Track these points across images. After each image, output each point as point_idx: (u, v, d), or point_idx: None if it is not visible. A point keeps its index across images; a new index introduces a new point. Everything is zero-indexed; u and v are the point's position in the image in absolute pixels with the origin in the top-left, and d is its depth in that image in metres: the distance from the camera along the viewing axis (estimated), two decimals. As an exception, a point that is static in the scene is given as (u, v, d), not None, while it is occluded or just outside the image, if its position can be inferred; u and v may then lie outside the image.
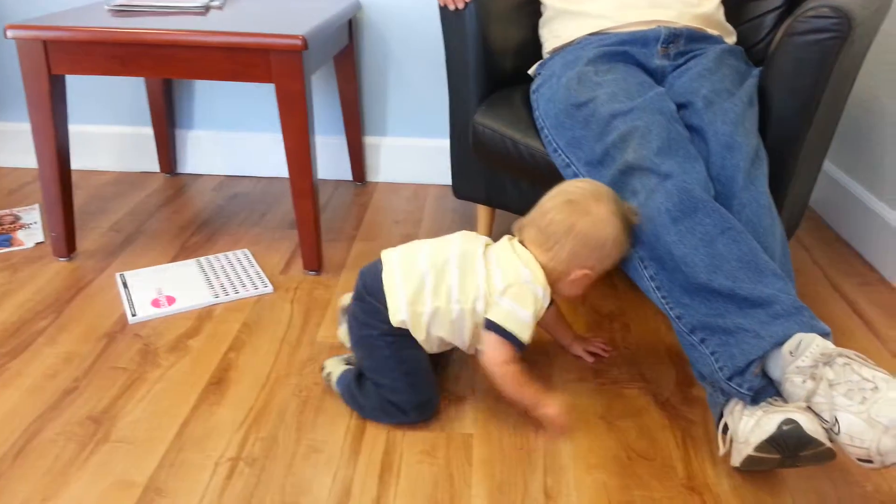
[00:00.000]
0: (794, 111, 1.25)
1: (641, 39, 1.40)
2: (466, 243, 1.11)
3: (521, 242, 1.12)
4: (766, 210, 1.14)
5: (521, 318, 1.05)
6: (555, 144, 1.33)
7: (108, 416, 1.13)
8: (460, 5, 1.48)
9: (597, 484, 1.02)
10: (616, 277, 1.59)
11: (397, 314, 1.07)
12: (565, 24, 1.50)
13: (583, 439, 1.11)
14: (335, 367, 1.19)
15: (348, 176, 2.12)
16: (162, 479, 1.02)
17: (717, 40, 1.45)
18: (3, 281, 1.51)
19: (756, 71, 1.34)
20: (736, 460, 0.99)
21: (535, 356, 1.30)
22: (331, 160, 2.11)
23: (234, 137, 2.10)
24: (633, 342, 1.36)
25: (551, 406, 1.08)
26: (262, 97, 2.05)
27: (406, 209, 1.94)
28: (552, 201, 1.10)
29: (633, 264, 1.15)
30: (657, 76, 1.39)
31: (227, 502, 0.98)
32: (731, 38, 1.51)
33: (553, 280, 1.09)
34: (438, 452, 1.08)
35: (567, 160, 1.30)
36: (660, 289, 1.11)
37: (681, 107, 1.27)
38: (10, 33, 1.41)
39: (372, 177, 2.12)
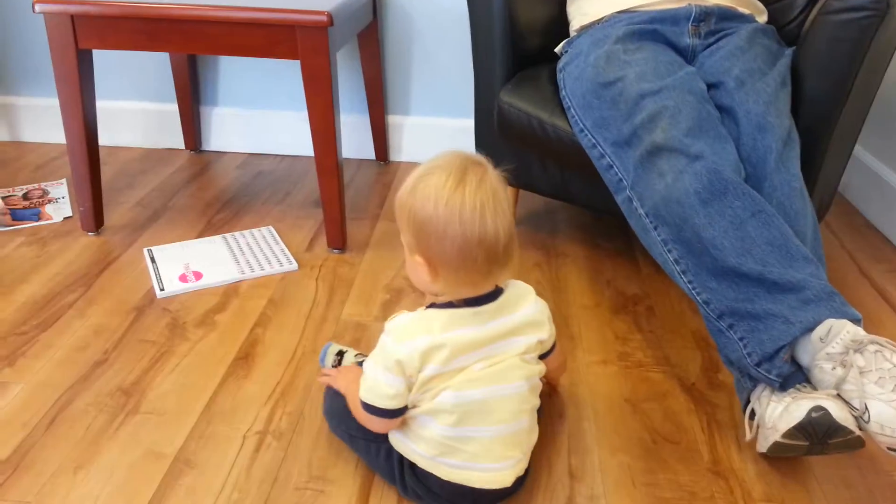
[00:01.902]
0: (828, 92, 1.23)
1: (672, 17, 1.37)
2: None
3: None
4: (798, 193, 1.13)
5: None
6: (581, 124, 1.32)
7: (137, 388, 1.15)
8: (488, -18, 1.46)
9: (621, 466, 1.03)
10: (640, 260, 1.58)
11: None
12: (593, 2, 1.48)
13: (607, 422, 1.11)
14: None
15: (371, 155, 2.12)
16: (191, 450, 1.03)
17: (748, 19, 1.42)
18: (32, 254, 1.53)
19: (789, 51, 1.31)
20: (762, 446, 0.98)
21: (558, 339, 1.30)
22: (354, 139, 2.11)
23: (258, 115, 2.10)
24: (657, 325, 1.35)
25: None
26: (286, 75, 2.05)
27: (429, 188, 1.93)
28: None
29: (656, 248, 1.14)
30: (687, 55, 1.37)
31: (255, 475, 0.99)
32: (762, 18, 1.48)
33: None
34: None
35: (593, 140, 1.28)
36: (685, 273, 1.10)
37: (711, 87, 1.26)
38: (38, 7, 1.41)
39: (395, 156, 2.12)
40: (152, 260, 1.51)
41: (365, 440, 0.97)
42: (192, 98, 2.03)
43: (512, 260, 0.86)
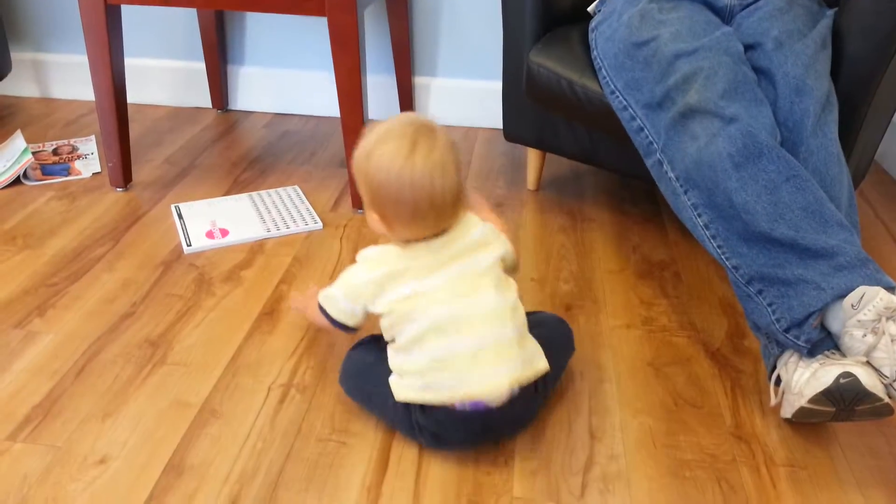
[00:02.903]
0: (871, 52, 1.19)
1: (710, -24, 1.33)
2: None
3: None
4: (835, 158, 1.10)
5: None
6: (612, 86, 1.29)
7: (164, 341, 1.17)
8: (520, -63, 1.43)
9: (642, 427, 1.02)
10: (668, 226, 1.55)
11: None
12: (629, -40, 1.44)
13: (629, 384, 1.10)
14: None
15: (397, 116, 2.10)
16: (217, 400, 1.05)
17: (789, -21, 1.37)
18: (62, 209, 1.55)
19: (830, 12, 1.27)
20: (787, 412, 0.97)
21: (582, 302, 1.30)
22: (380, 100, 2.09)
23: (285, 75, 2.09)
24: (683, 291, 1.34)
25: None
26: (313, 34, 2.03)
27: (455, 151, 1.91)
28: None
29: (686, 212, 1.12)
30: (724, 15, 1.33)
31: (279, 425, 1.01)
32: (803, -23, 1.43)
33: None
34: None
35: (624, 102, 1.26)
36: (715, 237, 1.08)
37: (749, 48, 1.22)
38: (67, -39, 1.41)
39: (421, 118, 2.10)
40: (179, 216, 1.52)
41: (380, 395, 0.98)
42: (219, 57, 2.03)
43: (460, 209, 0.95)
